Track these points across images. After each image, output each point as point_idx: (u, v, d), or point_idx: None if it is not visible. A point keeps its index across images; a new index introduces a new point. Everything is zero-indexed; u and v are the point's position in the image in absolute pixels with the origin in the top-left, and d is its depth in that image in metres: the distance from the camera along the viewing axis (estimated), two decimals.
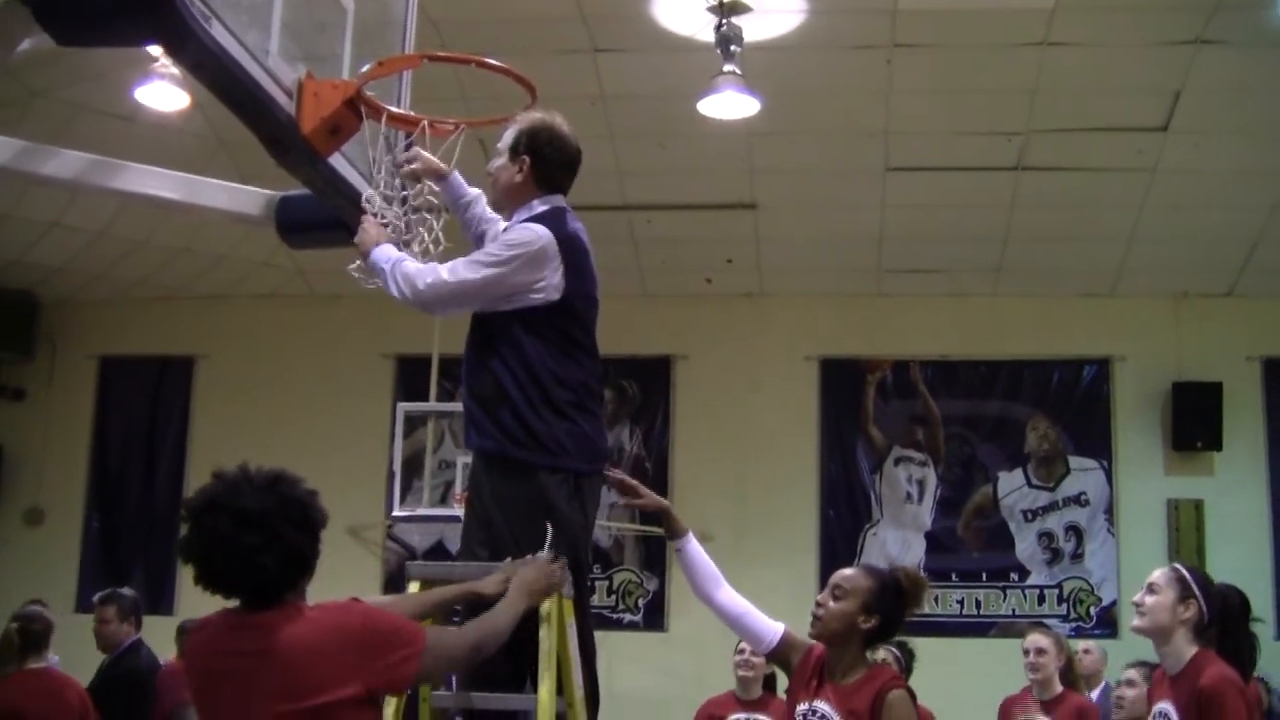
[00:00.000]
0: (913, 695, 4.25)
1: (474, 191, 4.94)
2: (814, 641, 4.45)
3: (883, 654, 7.99)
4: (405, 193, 4.96)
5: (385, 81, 5.07)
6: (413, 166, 4.89)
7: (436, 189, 4.95)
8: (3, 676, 6.97)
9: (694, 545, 4.57)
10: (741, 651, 7.75)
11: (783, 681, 7.99)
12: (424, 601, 4.19)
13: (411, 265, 4.55)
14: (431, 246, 4.96)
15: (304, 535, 3.46)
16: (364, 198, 4.89)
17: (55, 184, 5.93)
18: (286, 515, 3.41)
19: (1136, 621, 4.90)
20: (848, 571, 4.41)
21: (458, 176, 4.96)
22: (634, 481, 4.67)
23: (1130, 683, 6.08)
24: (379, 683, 3.43)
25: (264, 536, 3.36)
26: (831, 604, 4.31)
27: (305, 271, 13.06)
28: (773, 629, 4.49)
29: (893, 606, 4.36)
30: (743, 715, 7.74)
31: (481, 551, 4.38)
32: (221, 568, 3.40)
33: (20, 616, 7.22)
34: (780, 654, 4.48)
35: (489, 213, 4.91)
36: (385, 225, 4.81)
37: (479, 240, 4.87)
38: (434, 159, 4.91)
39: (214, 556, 3.39)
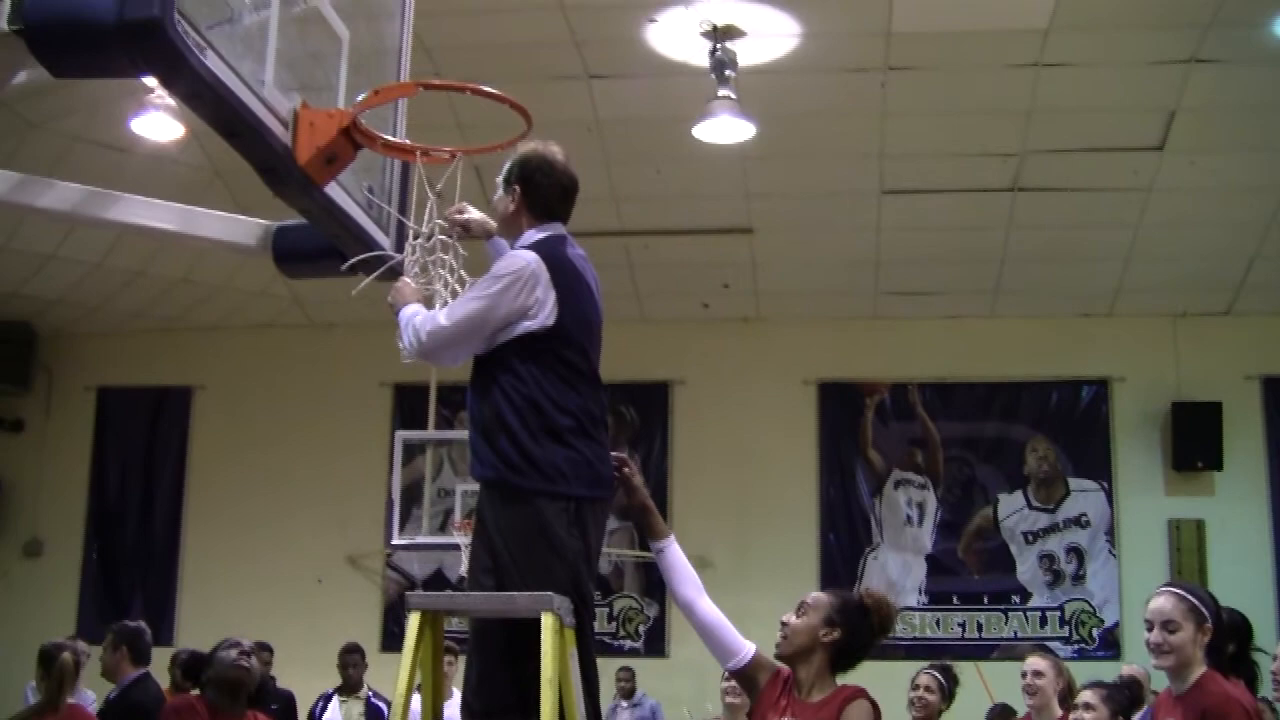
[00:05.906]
0: (876, 709, 4.22)
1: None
2: (783, 664, 4.44)
3: (925, 679, 7.84)
4: (421, 234, 4.89)
5: (381, 110, 5.05)
6: (463, 217, 4.85)
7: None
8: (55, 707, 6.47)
9: (675, 548, 4.53)
10: (729, 678, 7.65)
11: None
12: None
13: (420, 316, 4.52)
14: (456, 287, 4.90)
15: None
16: (405, 261, 4.82)
17: (52, 216, 5.92)
18: None
19: (1160, 661, 4.77)
20: (814, 592, 4.47)
21: (501, 239, 4.93)
22: (637, 476, 4.61)
23: (1089, 706, 6.02)
24: None
25: None
26: (795, 620, 4.34)
27: (302, 301, 13.05)
28: (745, 646, 4.46)
29: (856, 621, 4.34)
30: None
31: (487, 580, 4.35)
32: None
33: (68, 646, 6.77)
34: (749, 673, 4.45)
35: None
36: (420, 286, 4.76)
37: None
38: (485, 216, 4.87)
39: None
